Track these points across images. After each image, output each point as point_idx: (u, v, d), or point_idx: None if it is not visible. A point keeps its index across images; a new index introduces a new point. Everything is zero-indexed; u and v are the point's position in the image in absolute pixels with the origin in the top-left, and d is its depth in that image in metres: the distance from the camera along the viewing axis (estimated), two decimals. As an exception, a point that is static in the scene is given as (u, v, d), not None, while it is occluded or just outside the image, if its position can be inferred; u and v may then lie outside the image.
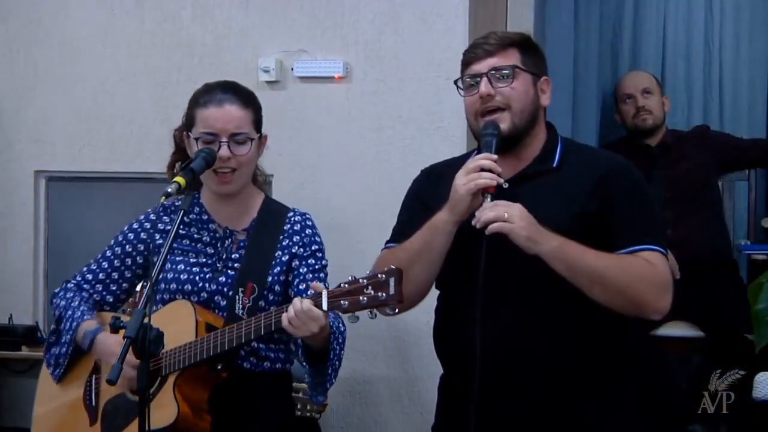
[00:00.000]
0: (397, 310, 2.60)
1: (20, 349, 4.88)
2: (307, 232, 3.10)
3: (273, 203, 3.20)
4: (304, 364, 2.94)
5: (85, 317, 3.09)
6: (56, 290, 3.25)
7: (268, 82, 4.64)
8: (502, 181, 2.64)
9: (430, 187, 2.91)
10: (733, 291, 4.61)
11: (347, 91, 4.65)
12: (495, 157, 2.67)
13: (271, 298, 3.01)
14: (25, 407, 5.06)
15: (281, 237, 3.07)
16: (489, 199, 2.61)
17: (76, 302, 3.14)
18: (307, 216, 3.16)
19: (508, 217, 2.55)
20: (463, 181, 2.63)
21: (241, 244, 3.06)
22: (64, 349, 3.12)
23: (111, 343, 2.94)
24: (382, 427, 4.56)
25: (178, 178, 2.76)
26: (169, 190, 2.72)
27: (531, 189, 2.72)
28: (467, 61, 2.82)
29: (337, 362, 2.99)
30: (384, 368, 4.55)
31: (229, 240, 3.07)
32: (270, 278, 3.02)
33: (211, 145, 2.98)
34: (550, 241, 2.57)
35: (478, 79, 2.77)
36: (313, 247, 3.09)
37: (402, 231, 2.91)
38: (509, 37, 2.80)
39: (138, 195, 4.83)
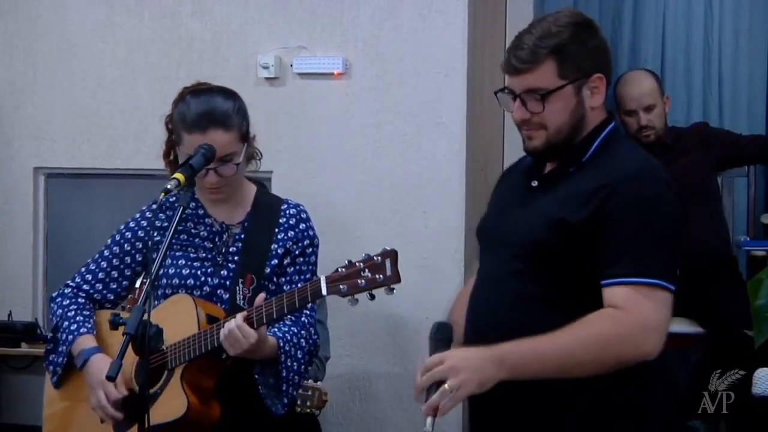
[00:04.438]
0: (394, 290, 2.60)
1: (20, 346, 4.90)
2: (300, 227, 3.11)
3: (265, 195, 3.21)
4: (256, 375, 2.94)
5: (81, 330, 3.07)
6: (53, 294, 3.23)
7: (267, 79, 4.66)
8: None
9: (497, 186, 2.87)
10: (732, 287, 4.60)
11: (346, 87, 4.66)
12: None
13: (271, 288, 3.02)
14: (24, 404, 5.09)
15: (276, 230, 3.08)
16: (430, 422, 2.42)
17: (72, 311, 3.12)
18: (301, 208, 3.15)
19: (452, 387, 2.37)
20: (415, 394, 2.48)
21: (237, 237, 3.08)
22: (60, 359, 3.11)
23: (101, 369, 2.92)
24: (381, 424, 4.58)
25: (178, 175, 2.74)
26: (169, 186, 2.70)
27: (545, 192, 2.61)
28: (505, 70, 2.61)
29: (296, 377, 2.97)
30: (383, 365, 4.56)
31: (226, 234, 3.08)
32: (268, 269, 3.03)
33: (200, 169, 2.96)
34: (499, 367, 2.40)
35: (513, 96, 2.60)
36: (305, 242, 3.09)
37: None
38: (544, 45, 2.52)
39: (137, 191, 4.83)
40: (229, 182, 3.00)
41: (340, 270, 2.66)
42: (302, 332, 2.99)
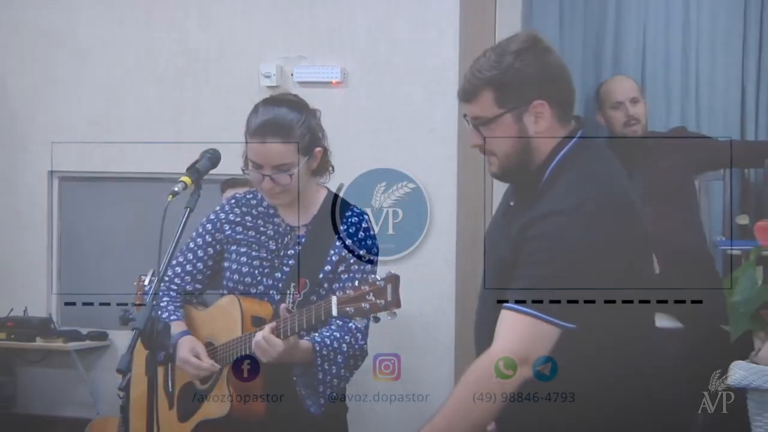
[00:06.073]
0: (396, 314, 2.73)
1: (35, 340, 5.04)
2: (359, 235, 3.10)
3: (334, 199, 3.21)
4: (294, 377, 3.02)
5: (171, 318, 3.16)
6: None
7: (269, 87, 4.77)
8: None
9: None
10: (709, 284, 4.70)
11: (344, 95, 4.80)
12: None
13: (322, 293, 3.04)
14: (39, 395, 5.22)
15: (336, 236, 3.10)
16: None
17: (164, 302, 3.20)
18: (364, 217, 3.16)
19: None
20: None
21: (299, 240, 3.11)
22: None
23: (184, 348, 3.07)
24: (379, 425, 4.67)
25: (184, 178, 2.80)
26: (176, 189, 2.75)
27: (510, 220, 2.55)
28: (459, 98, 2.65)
29: (335, 380, 3.02)
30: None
31: (289, 236, 3.13)
32: (321, 275, 3.05)
33: (257, 172, 3.03)
34: None
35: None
36: (361, 252, 3.11)
37: None
38: (481, 76, 2.50)
39: (146, 194, 5.01)
40: (287, 189, 3.03)
41: (348, 292, 2.77)
42: (345, 337, 3.03)
